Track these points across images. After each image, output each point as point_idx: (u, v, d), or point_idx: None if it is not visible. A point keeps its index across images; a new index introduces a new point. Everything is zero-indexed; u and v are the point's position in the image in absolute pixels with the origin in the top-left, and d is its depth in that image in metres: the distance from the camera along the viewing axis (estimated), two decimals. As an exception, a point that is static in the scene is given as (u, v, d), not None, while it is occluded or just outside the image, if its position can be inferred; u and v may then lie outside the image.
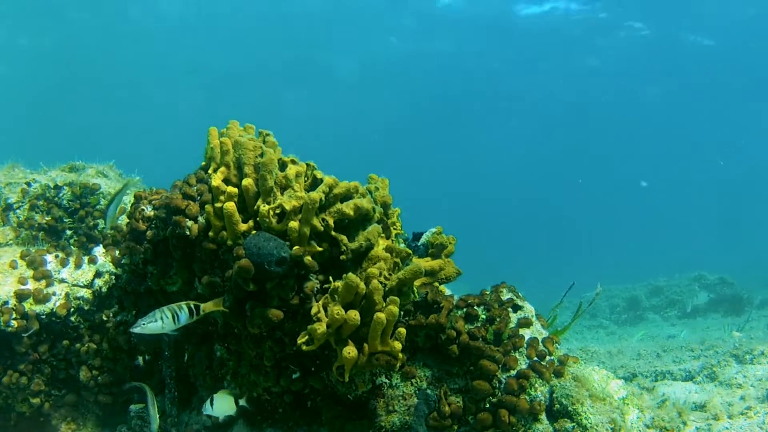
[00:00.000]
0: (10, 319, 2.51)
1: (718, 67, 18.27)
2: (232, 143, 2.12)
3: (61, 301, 2.62)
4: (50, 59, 17.26)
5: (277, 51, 17.56)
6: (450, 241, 2.31)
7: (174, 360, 2.42)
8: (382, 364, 1.84)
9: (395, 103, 21.13)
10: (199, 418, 2.33)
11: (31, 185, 3.14)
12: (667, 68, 18.45)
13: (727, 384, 3.47)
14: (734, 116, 22.70)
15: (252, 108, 13.84)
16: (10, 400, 2.61)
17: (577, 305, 2.90)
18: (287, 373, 2.07)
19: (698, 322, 8.16)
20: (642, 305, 9.15)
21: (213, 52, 17.60)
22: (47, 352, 2.60)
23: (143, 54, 17.33)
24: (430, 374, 2.08)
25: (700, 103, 21.43)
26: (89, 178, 3.24)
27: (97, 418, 2.70)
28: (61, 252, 2.81)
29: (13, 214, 3.04)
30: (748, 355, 3.87)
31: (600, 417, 2.04)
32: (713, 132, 24.50)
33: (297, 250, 1.94)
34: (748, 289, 8.93)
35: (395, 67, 18.86)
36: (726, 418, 2.84)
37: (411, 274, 1.91)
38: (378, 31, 16.82)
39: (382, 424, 2.00)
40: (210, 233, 2.03)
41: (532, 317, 2.25)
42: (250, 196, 2.02)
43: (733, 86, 19.71)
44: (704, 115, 22.87)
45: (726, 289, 8.78)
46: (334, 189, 2.03)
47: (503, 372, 2.04)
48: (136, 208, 2.32)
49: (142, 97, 20.69)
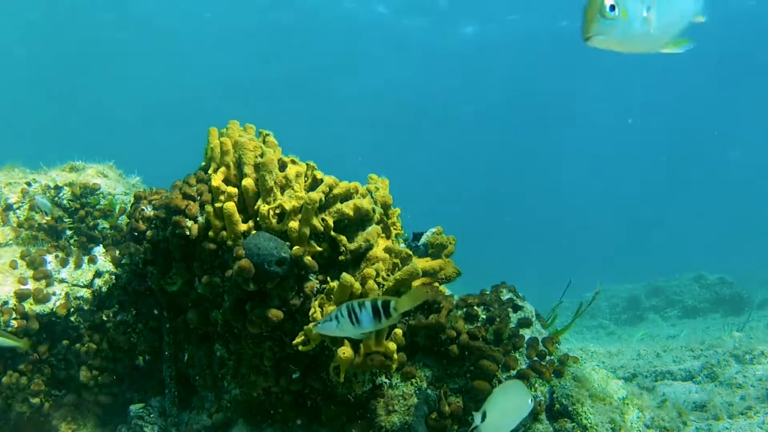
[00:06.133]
0: (10, 319, 2.51)
1: (717, 67, 18.28)
2: (232, 143, 2.12)
3: (61, 301, 2.62)
4: (50, 59, 17.27)
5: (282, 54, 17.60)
6: (450, 241, 2.32)
7: (174, 360, 2.42)
8: (376, 365, 1.84)
9: (395, 102, 21.13)
10: (199, 418, 2.33)
11: (31, 185, 3.14)
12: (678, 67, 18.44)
13: (727, 384, 3.47)
14: (734, 116, 22.71)
15: (252, 110, 13.86)
16: (10, 400, 2.61)
17: (577, 305, 2.90)
18: (287, 373, 2.07)
19: (698, 322, 8.15)
20: (642, 305, 9.15)
21: (214, 52, 17.61)
22: (47, 352, 2.60)
23: (143, 53, 17.34)
24: (430, 374, 2.08)
25: (700, 102, 21.45)
26: (89, 178, 3.24)
27: (97, 418, 2.70)
28: (61, 252, 2.81)
29: (13, 214, 3.04)
30: (748, 355, 3.87)
31: (600, 417, 2.04)
32: (713, 131, 24.51)
33: (297, 250, 1.94)
34: (748, 289, 8.92)
35: (395, 67, 18.88)
36: (726, 418, 2.84)
37: (408, 275, 1.91)
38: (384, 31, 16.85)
39: (382, 424, 2.00)
40: (210, 233, 2.03)
41: (532, 317, 2.26)
42: (250, 196, 2.02)
43: (734, 85, 19.73)
44: (704, 114, 22.88)
45: (726, 289, 8.77)
46: (334, 189, 2.03)
47: (503, 372, 2.04)
48: (136, 208, 2.32)
49: (143, 97, 20.69)
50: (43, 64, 17.58)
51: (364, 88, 20.16)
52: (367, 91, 20.34)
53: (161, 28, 15.97)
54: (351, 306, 1.46)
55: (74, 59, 17.47)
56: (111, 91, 20.30)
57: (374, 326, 1.50)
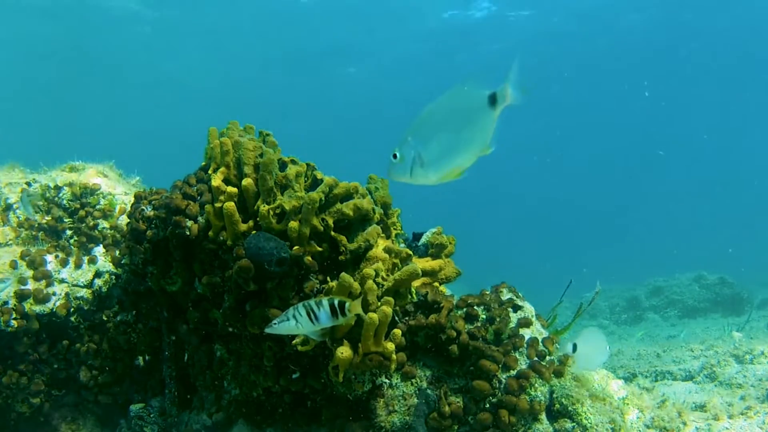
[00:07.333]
0: (10, 319, 2.52)
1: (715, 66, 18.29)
2: (232, 143, 2.12)
3: (61, 301, 2.62)
4: (50, 58, 17.26)
5: (279, 51, 17.57)
6: (450, 241, 2.32)
7: (174, 360, 2.42)
8: (375, 365, 1.84)
9: (393, 102, 21.14)
10: (199, 418, 2.33)
11: (31, 185, 3.14)
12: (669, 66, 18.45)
13: (727, 384, 3.47)
14: (733, 115, 22.71)
15: (253, 109, 13.85)
16: (10, 400, 2.61)
17: (577, 305, 2.90)
18: (287, 373, 2.07)
19: (698, 322, 8.15)
20: (642, 305, 9.14)
21: (215, 52, 17.60)
22: (47, 352, 2.60)
23: (144, 54, 17.33)
24: (430, 374, 2.08)
25: (698, 100, 21.44)
26: (89, 178, 3.24)
27: (97, 418, 2.70)
28: (61, 252, 2.81)
29: (13, 214, 3.04)
30: (748, 355, 3.87)
31: (600, 417, 2.04)
32: (712, 130, 24.50)
33: (297, 250, 1.94)
34: (748, 289, 8.92)
35: (394, 66, 18.87)
36: (726, 418, 2.84)
37: (407, 275, 1.91)
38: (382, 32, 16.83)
39: (382, 424, 2.00)
40: (210, 233, 2.03)
41: (532, 317, 2.26)
42: (250, 196, 2.02)
43: (732, 85, 19.73)
44: (703, 113, 22.87)
45: (726, 289, 8.77)
46: (334, 189, 2.03)
47: (503, 372, 2.04)
48: (136, 208, 2.32)
49: (143, 96, 20.69)
50: (43, 63, 17.58)
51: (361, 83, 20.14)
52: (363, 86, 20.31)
53: (162, 27, 15.97)
54: (309, 305, 1.60)
55: (74, 59, 17.47)
56: (111, 90, 20.30)
57: (332, 323, 1.64)
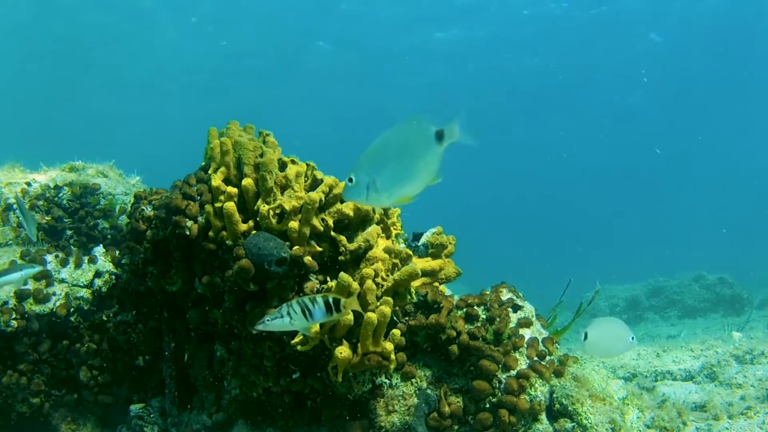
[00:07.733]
0: (10, 319, 2.52)
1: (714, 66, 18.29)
2: (232, 143, 2.12)
3: (61, 301, 2.62)
4: (50, 58, 17.27)
5: (276, 48, 17.56)
6: (450, 242, 2.32)
7: (174, 360, 2.42)
8: (373, 365, 1.84)
9: (394, 101, 21.12)
10: (199, 418, 2.33)
11: (31, 185, 3.14)
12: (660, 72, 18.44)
13: (727, 384, 3.47)
14: (733, 114, 22.71)
15: (253, 109, 13.85)
16: (10, 400, 2.61)
17: (577, 305, 2.90)
18: (287, 373, 2.07)
19: (698, 322, 8.14)
20: (642, 305, 9.13)
21: (214, 52, 17.60)
22: (47, 352, 2.60)
23: (144, 53, 17.33)
24: (430, 374, 2.08)
25: (698, 100, 21.45)
26: (89, 178, 3.25)
27: (97, 418, 2.70)
28: (61, 252, 2.81)
29: (13, 214, 3.04)
30: (748, 355, 3.87)
31: (600, 417, 2.04)
32: (712, 130, 24.50)
33: (297, 250, 1.94)
34: (748, 289, 8.91)
35: (393, 66, 18.87)
36: (726, 418, 2.84)
37: (406, 275, 1.91)
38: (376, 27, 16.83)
39: (381, 424, 2.00)
40: (210, 233, 2.03)
41: (532, 317, 2.26)
42: (250, 196, 2.02)
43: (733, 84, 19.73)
44: (703, 113, 22.87)
45: (726, 289, 8.76)
46: (334, 189, 2.04)
47: (503, 372, 2.05)
48: (136, 208, 2.32)
49: (143, 97, 20.68)
50: (43, 63, 17.58)
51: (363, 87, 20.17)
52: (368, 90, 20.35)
53: (161, 27, 15.97)
54: (303, 302, 1.61)
55: (74, 59, 17.47)
56: (111, 91, 20.29)
57: (326, 319, 1.65)
